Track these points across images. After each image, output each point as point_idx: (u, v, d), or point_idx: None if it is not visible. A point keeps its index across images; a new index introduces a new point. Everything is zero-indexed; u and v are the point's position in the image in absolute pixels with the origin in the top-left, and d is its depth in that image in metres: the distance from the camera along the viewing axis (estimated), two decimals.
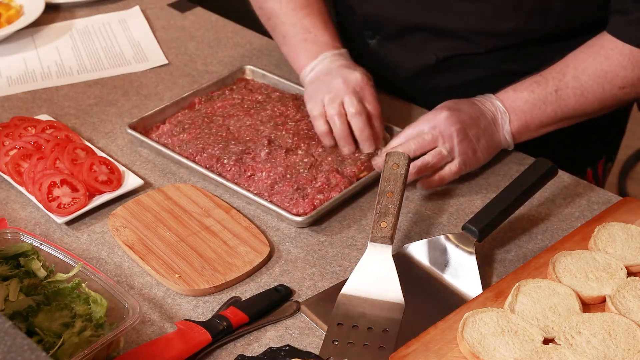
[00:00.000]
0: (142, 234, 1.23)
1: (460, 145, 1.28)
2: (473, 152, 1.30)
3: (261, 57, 1.69)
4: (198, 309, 1.13)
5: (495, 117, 1.32)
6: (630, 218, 1.19)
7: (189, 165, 1.35)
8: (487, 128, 1.31)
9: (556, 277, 1.09)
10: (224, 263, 1.18)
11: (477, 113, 1.31)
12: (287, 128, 1.41)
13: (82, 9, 1.88)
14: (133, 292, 1.16)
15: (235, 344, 1.08)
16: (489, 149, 1.32)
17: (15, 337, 0.73)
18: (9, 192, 1.34)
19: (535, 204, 1.30)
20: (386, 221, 1.12)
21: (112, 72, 1.66)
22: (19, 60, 1.70)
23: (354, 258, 1.21)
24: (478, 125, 1.30)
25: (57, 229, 1.27)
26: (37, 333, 1.01)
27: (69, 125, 1.48)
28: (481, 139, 1.30)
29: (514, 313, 1.04)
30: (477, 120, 1.30)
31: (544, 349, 0.98)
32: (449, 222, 1.28)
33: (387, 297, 1.10)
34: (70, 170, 1.32)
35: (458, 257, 1.16)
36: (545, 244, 1.23)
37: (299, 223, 1.25)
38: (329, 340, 1.06)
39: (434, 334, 1.03)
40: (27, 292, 1.06)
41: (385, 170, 1.18)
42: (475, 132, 1.29)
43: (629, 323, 1.01)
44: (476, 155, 1.30)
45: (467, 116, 1.30)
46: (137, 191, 1.33)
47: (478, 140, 1.30)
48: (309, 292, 1.16)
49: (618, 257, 1.11)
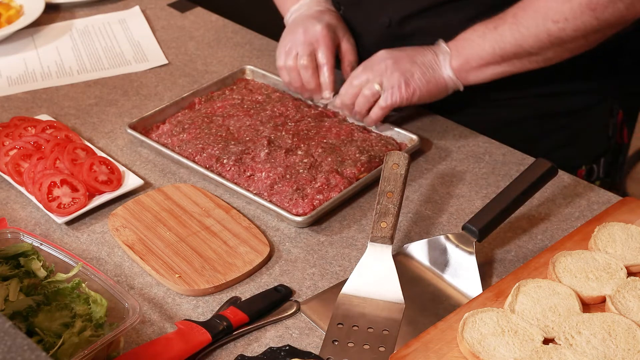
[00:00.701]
0: (142, 234, 1.23)
1: (390, 78, 1.35)
2: (406, 85, 1.35)
3: (261, 57, 1.69)
4: (198, 309, 1.13)
5: (436, 54, 1.37)
6: (630, 218, 1.19)
7: (188, 165, 1.35)
8: (425, 63, 1.36)
9: (556, 277, 1.09)
10: (224, 263, 1.18)
11: (416, 52, 1.38)
12: (287, 128, 1.41)
13: (82, 9, 1.88)
14: (133, 292, 1.16)
15: (235, 344, 1.08)
16: (427, 84, 1.36)
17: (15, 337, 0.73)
18: (9, 192, 1.34)
19: (535, 204, 1.30)
20: (386, 221, 1.12)
21: (112, 72, 1.66)
22: (19, 60, 1.70)
23: (354, 258, 1.21)
24: (413, 61, 1.36)
25: (57, 229, 1.27)
26: (37, 333, 1.01)
27: (69, 125, 1.48)
28: (416, 73, 1.36)
29: (514, 313, 1.04)
30: (412, 57, 1.37)
31: (544, 349, 0.98)
32: (449, 222, 1.28)
33: (387, 297, 1.10)
34: (70, 170, 1.32)
35: (458, 257, 1.16)
36: (545, 244, 1.23)
37: (299, 223, 1.25)
38: (329, 340, 1.06)
39: (434, 334, 1.03)
40: (27, 292, 1.06)
41: (385, 170, 1.18)
42: (408, 67, 1.36)
43: (629, 323, 1.01)
44: (409, 89, 1.36)
45: (403, 53, 1.37)
46: (137, 191, 1.33)
47: (412, 74, 1.35)
48: (309, 292, 1.16)
49: (618, 257, 1.11)
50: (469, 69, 1.36)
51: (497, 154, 1.41)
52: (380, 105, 1.38)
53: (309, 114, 1.46)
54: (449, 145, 1.43)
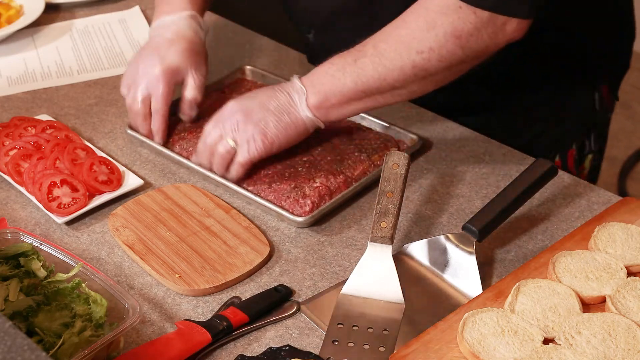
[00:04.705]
0: (142, 234, 1.23)
1: (244, 132, 1.27)
2: (263, 136, 1.27)
3: (261, 57, 1.69)
4: (198, 309, 1.13)
5: (290, 95, 1.28)
6: (630, 218, 1.19)
7: (189, 166, 1.35)
8: (278, 109, 1.27)
9: (556, 277, 1.09)
10: (224, 263, 1.18)
11: (267, 96, 1.29)
12: None
13: (82, 9, 1.88)
14: (133, 292, 1.16)
15: (235, 344, 1.08)
16: (285, 130, 1.27)
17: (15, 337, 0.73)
18: (9, 192, 1.34)
19: (535, 204, 1.30)
20: (386, 221, 1.12)
21: (112, 72, 1.66)
22: (19, 60, 1.70)
23: (354, 258, 1.21)
24: (266, 108, 1.27)
25: (57, 229, 1.27)
26: (37, 333, 1.01)
27: (69, 125, 1.48)
28: (271, 121, 1.27)
29: (514, 313, 1.04)
30: (264, 104, 1.28)
31: (544, 349, 0.98)
32: (449, 222, 1.28)
33: (387, 297, 1.10)
34: (70, 170, 1.32)
35: (458, 257, 1.16)
36: (545, 244, 1.23)
37: (300, 223, 1.25)
38: (329, 340, 1.06)
39: (434, 334, 1.03)
40: (27, 292, 1.06)
41: (385, 170, 1.18)
42: (261, 116, 1.27)
43: (629, 323, 1.01)
44: (267, 139, 1.27)
45: (254, 102, 1.29)
46: (137, 191, 1.33)
47: (267, 123, 1.27)
48: (309, 292, 1.16)
49: (618, 257, 1.11)
50: (329, 107, 1.27)
51: (497, 154, 1.41)
52: (239, 162, 1.28)
53: None
54: (449, 145, 1.43)
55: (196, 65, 1.42)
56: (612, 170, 3.13)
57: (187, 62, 1.40)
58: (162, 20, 1.45)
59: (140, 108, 1.39)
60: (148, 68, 1.39)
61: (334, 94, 1.26)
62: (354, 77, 1.24)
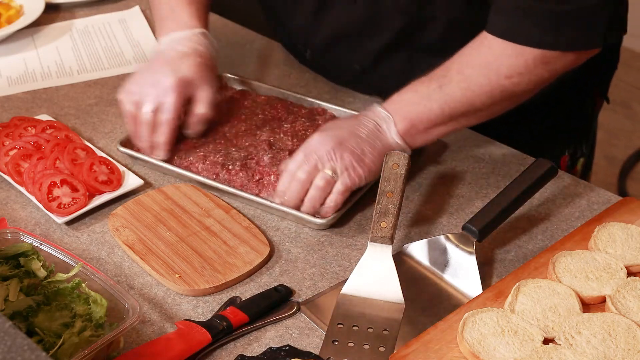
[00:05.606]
0: (142, 234, 1.23)
1: (342, 160, 1.23)
2: (360, 163, 1.24)
3: (261, 57, 1.69)
4: (198, 309, 1.13)
5: (378, 123, 1.27)
6: (630, 218, 1.19)
7: (192, 178, 1.33)
8: (370, 135, 1.26)
9: (556, 277, 1.09)
10: (224, 263, 1.18)
11: (356, 125, 1.27)
12: (284, 130, 1.41)
13: (82, 9, 1.88)
14: (133, 292, 1.16)
15: (235, 344, 1.08)
16: (379, 156, 1.25)
17: (15, 337, 0.73)
18: (9, 192, 1.34)
19: (535, 204, 1.30)
20: (386, 221, 1.12)
21: (112, 72, 1.66)
22: (19, 60, 1.70)
23: (354, 258, 1.21)
24: (358, 136, 1.25)
25: (57, 229, 1.27)
26: (37, 333, 1.01)
27: (69, 125, 1.48)
28: (365, 147, 1.25)
29: (514, 313, 1.04)
30: (355, 132, 1.26)
31: (544, 349, 0.98)
32: (449, 222, 1.28)
33: (387, 297, 1.10)
34: (70, 170, 1.32)
35: (458, 257, 1.16)
36: (545, 244, 1.23)
37: (321, 225, 1.25)
38: (329, 340, 1.06)
39: (434, 334, 1.03)
40: (27, 292, 1.06)
41: (385, 170, 1.18)
42: (355, 143, 1.25)
43: (629, 323, 1.01)
44: (365, 166, 1.25)
45: (344, 131, 1.26)
46: (137, 191, 1.33)
47: (362, 150, 1.25)
48: (309, 292, 1.16)
49: (618, 257, 1.11)
50: (416, 133, 1.27)
51: (497, 154, 1.41)
52: (339, 191, 1.24)
53: (300, 114, 1.45)
54: (449, 145, 1.43)
55: (208, 80, 1.39)
56: (612, 170, 3.13)
57: (200, 76, 1.38)
58: (172, 35, 1.43)
59: (150, 118, 1.35)
60: (160, 78, 1.35)
61: (421, 121, 1.27)
62: (440, 103, 1.26)
